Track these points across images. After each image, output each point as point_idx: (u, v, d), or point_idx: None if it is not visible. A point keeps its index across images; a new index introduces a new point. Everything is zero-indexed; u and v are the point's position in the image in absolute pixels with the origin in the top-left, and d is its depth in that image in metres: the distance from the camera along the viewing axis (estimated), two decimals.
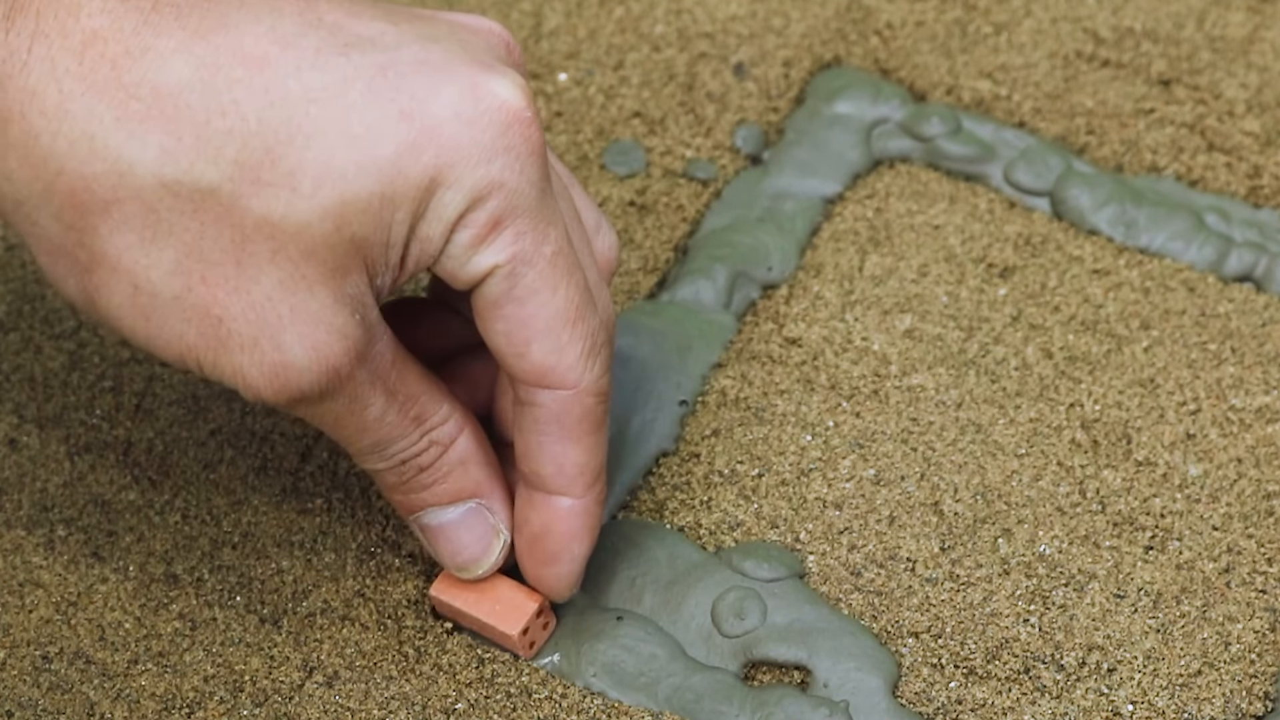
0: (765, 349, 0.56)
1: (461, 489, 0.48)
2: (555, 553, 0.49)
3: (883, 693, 0.49)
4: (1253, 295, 0.58)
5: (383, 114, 0.42)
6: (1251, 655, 0.50)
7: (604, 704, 0.49)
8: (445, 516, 0.48)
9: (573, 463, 0.47)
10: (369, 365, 0.44)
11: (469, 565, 0.49)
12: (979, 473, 0.53)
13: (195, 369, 0.44)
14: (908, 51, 0.64)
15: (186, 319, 0.43)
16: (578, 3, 0.66)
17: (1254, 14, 0.65)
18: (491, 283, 0.45)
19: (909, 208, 0.60)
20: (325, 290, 0.43)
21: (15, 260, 0.59)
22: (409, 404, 0.46)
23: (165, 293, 0.42)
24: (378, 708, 0.49)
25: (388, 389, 0.45)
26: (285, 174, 0.42)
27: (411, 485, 0.48)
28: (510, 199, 0.44)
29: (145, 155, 0.41)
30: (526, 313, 0.45)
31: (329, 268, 0.43)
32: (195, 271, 0.42)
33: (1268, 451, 0.54)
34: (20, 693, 0.50)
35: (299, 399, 0.44)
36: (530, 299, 0.45)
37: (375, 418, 0.45)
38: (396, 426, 0.46)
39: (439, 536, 0.49)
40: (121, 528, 0.53)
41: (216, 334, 0.43)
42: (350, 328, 0.43)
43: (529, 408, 0.47)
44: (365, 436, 0.46)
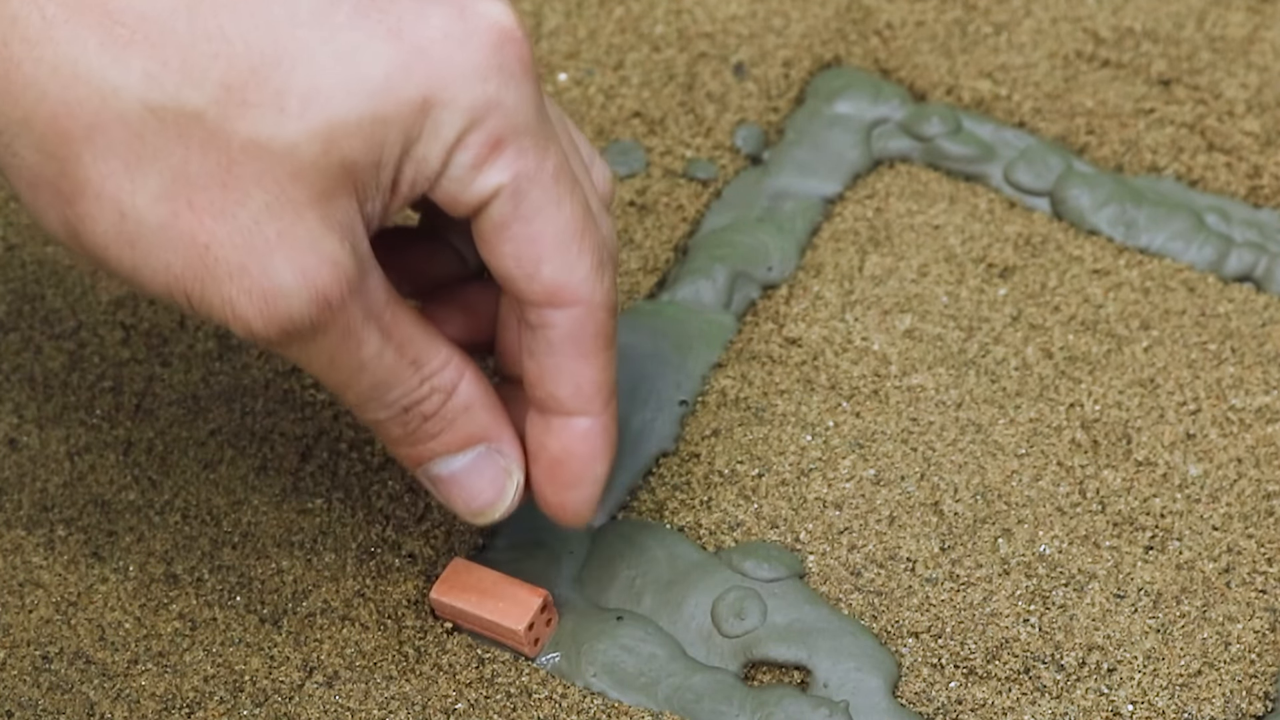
0: (765, 349, 0.56)
1: (470, 435, 0.47)
2: (578, 475, 0.48)
3: (883, 693, 0.49)
4: (1253, 295, 0.58)
5: (370, 34, 0.42)
6: (1251, 655, 0.50)
7: (604, 704, 0.49)
8: (455, 464, 0.47)
9: (589, 380, 0.47)
10: (362, 299, 0.43)
11: (485, 510, 0.48)
12: (979, 473, 0.53)
13: (184, 303, 0.43)
14: (908, 51, 0.64)
15: (173, 247, 0.42)
16: (578, 3, 0.66)
17: (1254, 14, 0.65)
18: (496, 204, 0.44)
19: (909, 208, 0.60)
20: (313, 214, 0.42)
21: (15, 260, 0.59)
22: (405, 346, 0.45)
23: (151, 219, 0.42)
24: (378, 708, 0.49)
25: (382, 328, 0.44)
26: (272, 95, 0.41)
27: (418, 435, 0.47)
28: (509, 117, 0.43)
29: (130, 80, 0.41)
30: (534, 230, 0.45)
31: (317, 191, 0.42)
32: (181, 196, 0.41)
33: (1268, 451, 0.54)
34: (20, 693, 0.50)
35: (290, 331, 0.43)
36: (536, 216, 0.44)
37: (371, 356, 0.44)
38: (395, 368, 0.45)
39: (451, 485, 0.48)
40: (121, 528, 0.53)
41: (204, 261, 0.42)
42: (340, 255, 0.42)
43: (542, 330, 0.46)
44: (363, 378, 0.45)
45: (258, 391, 0.56)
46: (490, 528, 0.53)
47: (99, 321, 0.57)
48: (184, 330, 0.57)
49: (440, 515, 0.53)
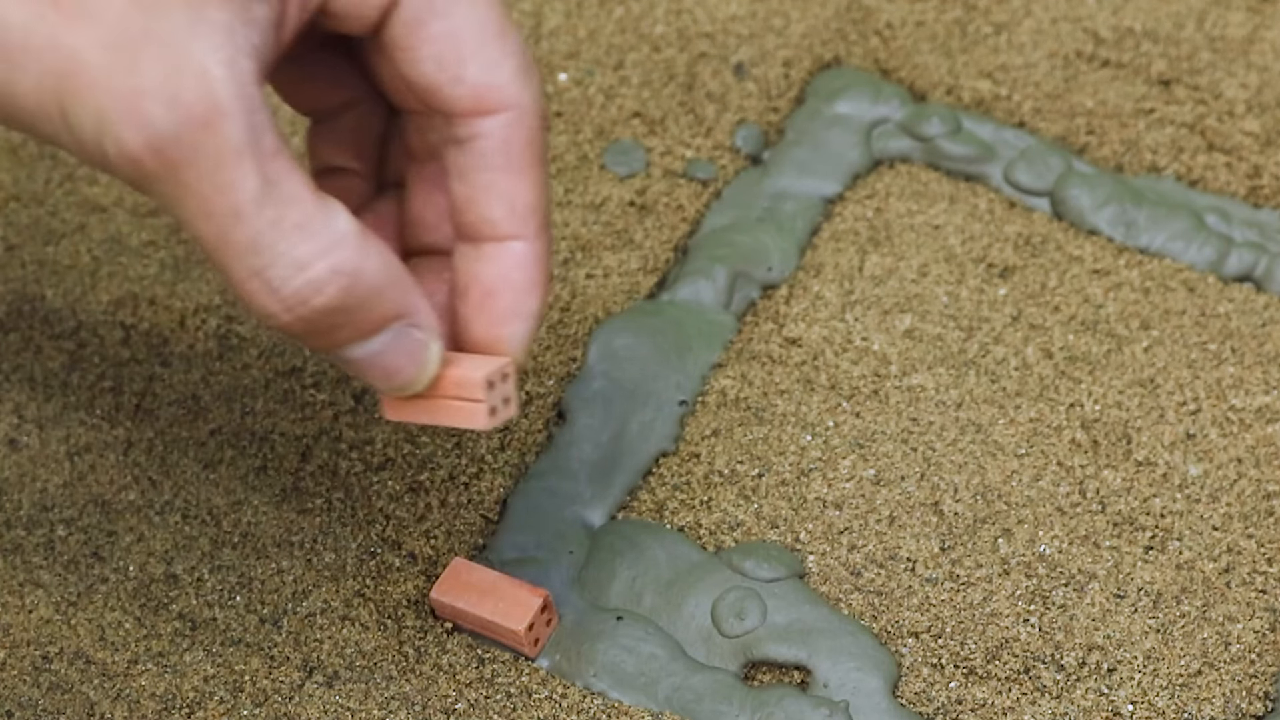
0: (765, 349, 0.56)
1: (383, 316, 0.42)
2: (512, 307, 0.45)
3: (883, 693, 0.49)
4: (1253, 295, 0.58)
5: None
6: (1251, 655, 0.50)
7: (604, 704, 0.49)
8: (370, 348, 0.43)
9: (523, 200, 0.44)
10: (236, 129, 0.39)
11: (406, 384, 0.44)
12: (979, 473, 0.53)
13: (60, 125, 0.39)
14: (908, 51, 0.64)
15: (40, 54, 0.39)
16: (578, 3, 0.66)
17: (1254, 14, 0.65)
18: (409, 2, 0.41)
19: (909, 208, 0.60)
20: (182, 12, 0.38)
21: (15, 260, 0.59)
22: (291, 205, 0.40)
23: (16, 23, 0.39)
24: (378, 708, 0.49)
25: (263, 175, 0.39)
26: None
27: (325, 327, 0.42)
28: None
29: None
30: (453, 25, 0.42)
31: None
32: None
33: (1268, 451, 0.54)
34: (20, 693, 0.50)
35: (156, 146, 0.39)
36: (454, 9, 0.42)
37: (247, 201, 0.39)
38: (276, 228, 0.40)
39: (367, 367, 0.43)
40: (121, 528, 0.53)
41: (71, 68, 0.39)
42: (211, 63, 0.38)
43: (470, 144, 0.43)
44: (240, 228, 0.39)
45: (258, 391, 0.56)
46: (490, 529, 0.53)
47: (99, 321, 0.57)
48: (184, 330, 0.57)
49: (440, 515, 0.53)
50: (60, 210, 0.60)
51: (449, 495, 0.53)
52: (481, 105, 0.43)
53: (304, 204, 0.40)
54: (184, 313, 0.57)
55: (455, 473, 0.54)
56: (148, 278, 0.58)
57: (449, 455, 0.54)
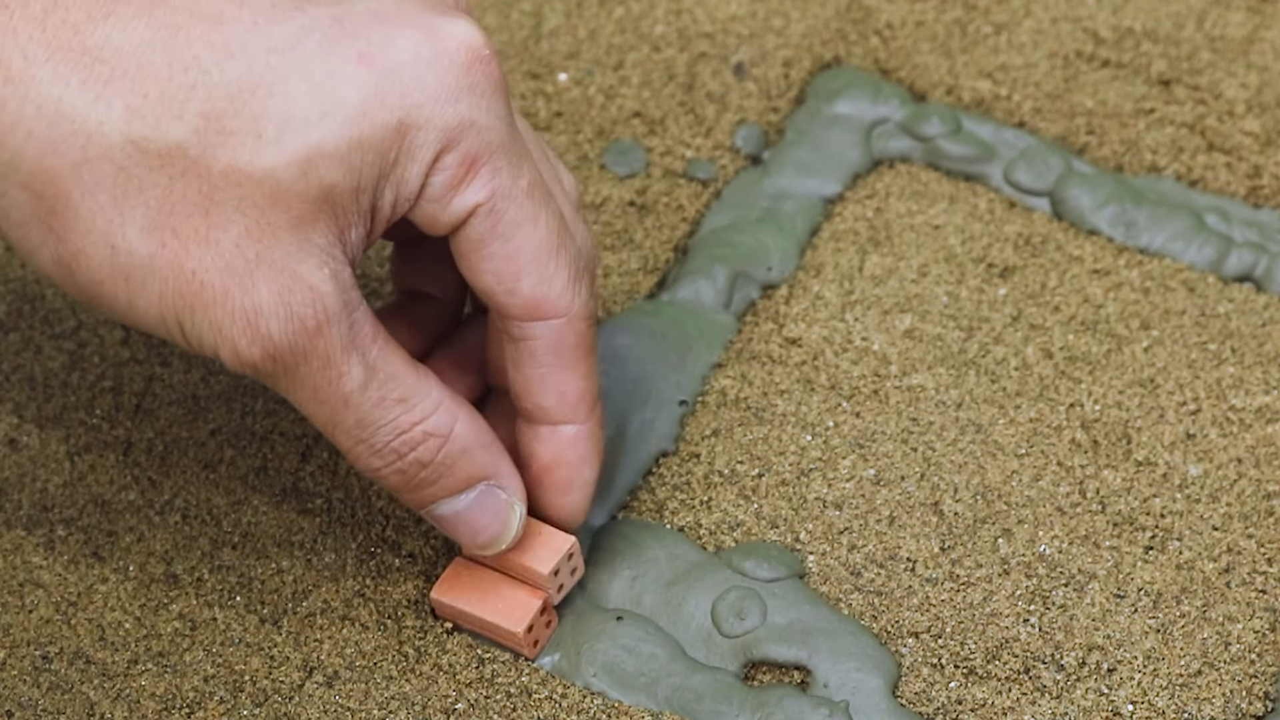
0: (765, 349, 0.56)
1: (470, 475, 0.48)
2: (568, 481, 0.49)
3: (883, 693, 0.49)
4: (1253, 295, 0.58)
5: (343, 59, 0.43)
6: (1251, 655, 0.50)
7: (604, 704, 0.49)
8: (458, 505, 0.48)
9: (573, 389, 0.48)
10: (342, 327, 0.44)
11: (490, 544, 0.49)
12: (979, 473, 0.53)
13: (177, 334, 0.44)
14: (908, 51, 0.64)
15: (163, 277, 0.43)
16: (578, 3, 0.66)
17: (1254, 14, 0.65)
18: (474, 223, 0.45)
19: (909, 208, 0.60)
20: (291, 237, 0.43)
21: (15, 260, 0.59)
22: (392, 383, 0.45)
23: (141, 251, 0.42)
24: (378, 708, 0.49)
25: (367, 363, 0.45)
26: (249, 122, 0.42)
27: (418, 482, 0.47)
28: (483, 136, 0.44)
29: (112, 115, 0.42)
30: (512, 248, 0.45)
31: (294, 215, 0.43)
32: (167, 226, 0.42)
33: (1268, 451, 0.54)
34: (20, 693, 0.50)
35: (272, 353, 0.43)
36: (514, 233, 0.45)
37: (355, 389, 0.45)
38: (380, 405, 0.45)
39: (455, 524, 0.48)
40: (121, 528, 0.53)
41: (191, 288, 0.43)
42: (318, 280, 0.43)
43: (524, 343, 0.47)
44: (348, 413, 0.45)
45: (258, 391, 0.56)
46: None
47: (99, 321, 0.57)
48: None
49: None
50: None
51: None
52: (533, 313, 0.47)
53: (403, 380, 0.45)
54: None
55: None
56: None
57: None
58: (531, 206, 0.45)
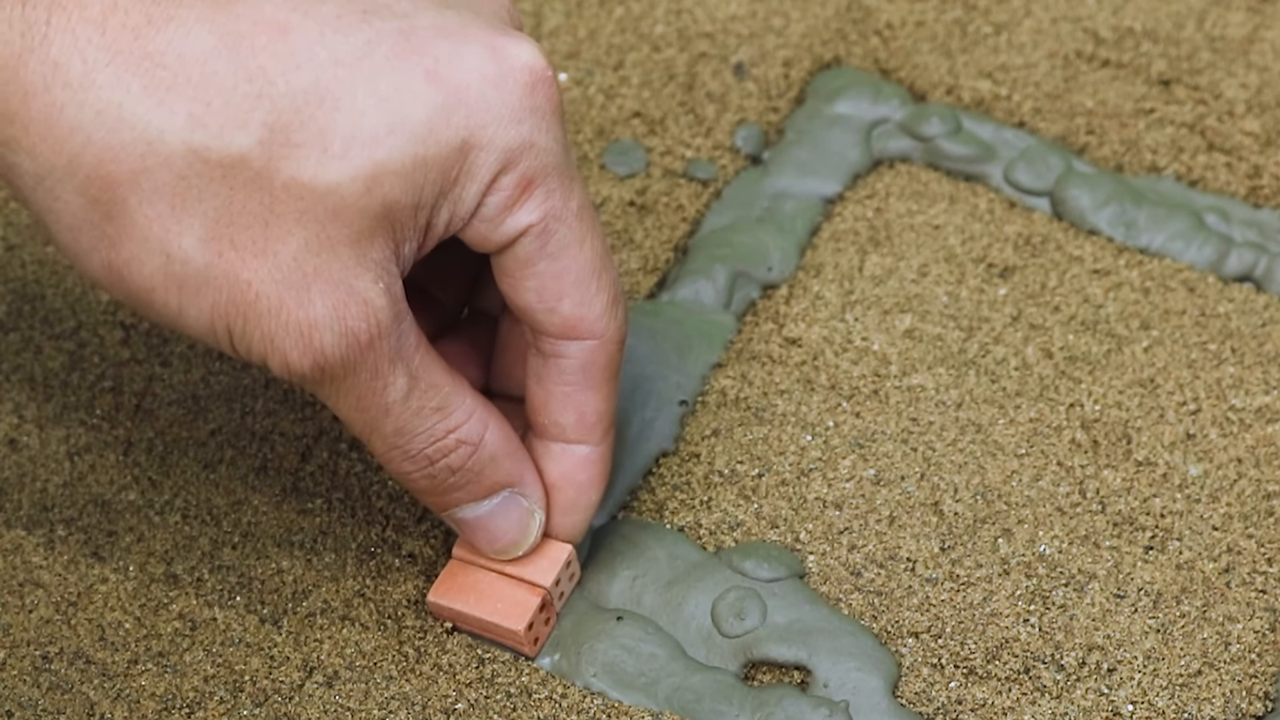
0: (765, 349, 0.56)
1: (495, 483, 0.48)
2: (573, 501, 0.49)
3: (883, 693, 0.49)
4: (1253, 295, 0.58)
5: (410, 76, 0.42)
6: (1251, 655, 0.50)
7: (604, 704, 0.49)
8: (480, 510, 0.49)
9: (594, 411, 0.48)
10: (392, 340, 0.44)
11: (508, 550, 0.49)
12: (979, 473, 0.53)
13: (226, 342, 0.44)
14: (908, 51, 0.64)
15: (218, 286, 0.43)
16: (578, 3, 0.66)
17: (1254, 14, 0.65)
18: (524, 242, 0.45)
19: (909, 208, 0.60)
20: (350, 252, 0.43)
21: (15, 260, 0.59)
22: (431, 392, 0.46)
23: (197, 260, 0.42)
24: (378, 708, 0.49)
25: (410, 373, 0.45)
26: (315, 135, 0.42)
27: (445, 487, 0.48)
28: (540, 158, 0.44)
29: (174, 123, 0.41)
30: (559, 268, 0.46)
31: (354, 230, 0.43)
32: (225, 237, 0.42)
33: (1268, 451, 0.54)
34: (20, 693, 0.50)
35: (323, 366, 0.43)
36: (562, 254, 0.46)
37: (397, 399, 0.45)
38: (419, 414, 0.46)
39: (476, 529, 0.49)
40: (121, 528, 0.53)
41: (246, 298, 0.43)
42: (373, 294, 0.43)
43: (554, 360, 0.47)
44: (388, 422, 0.45)
45: (258, 391, 0.56)
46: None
47: (99, 321, 0.57)
48: None
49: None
50: None
51: None
52: (569, 333, 0.47)
53: (441, 390, 0.46)
54: None
55: None
56: None
57: None
58: (580, 229, 0.46)
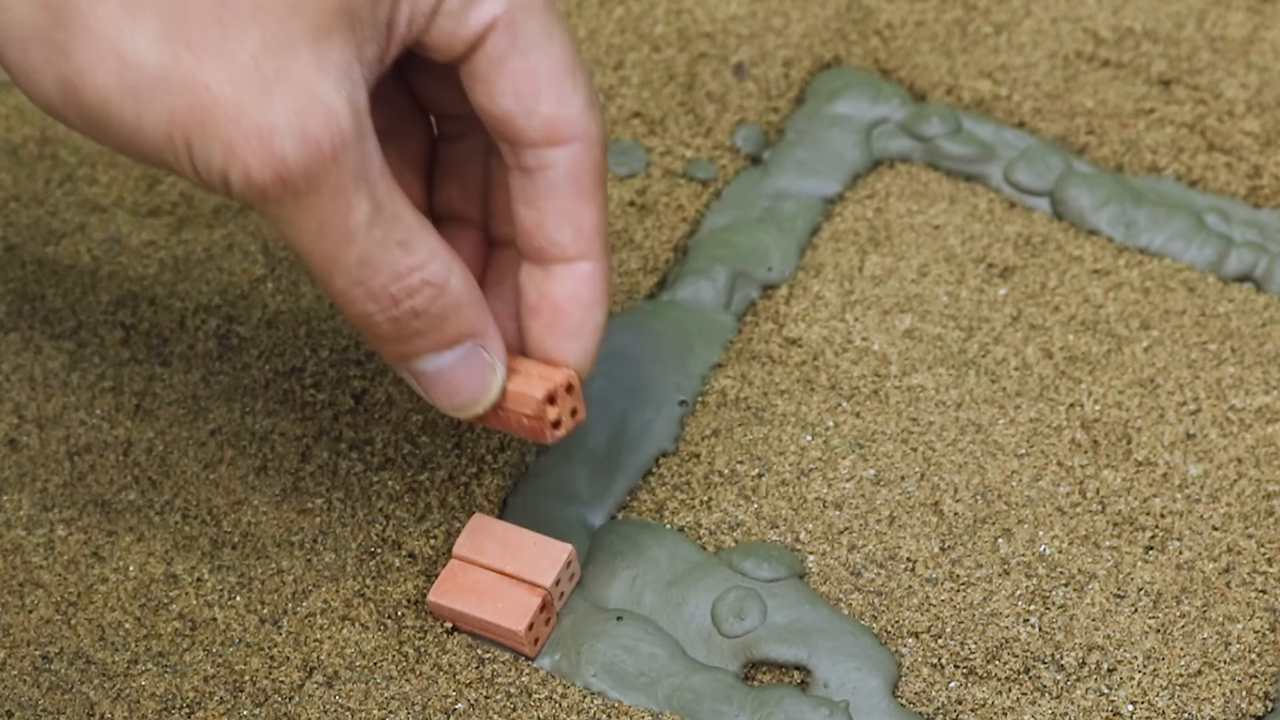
0: (765, 349, 0.56)
1: (459, 331, 0.46)
2: (579, 323, 0.48)
3: (883, 693, 0.49)
4: (1253, 295, 0.58)
5: None
6: (1251, 655, 0.50)
7: (604, 704, 0.49)
8: (442, 361, 0.46)
9: (590, 222, 0.47)
10: (355, 157, 0.42)
11: (467, 405, 0.47)
12: (979, 473, 0.53)
13: (185, 158, 0.42)
14: (908, 51, 0.64)
15: (174, 90, 0.41)
16: (578, 3, 0.66)
17: (1254, 14, 0.65)
18: (493, 37, 0.44)
19: (909, 208, 0.60)
20: (309, 53, 0.41)
21: (15, 260, 0.59)
22: (396, 224, 0.44)
23: (151, 63, 0.41)
24: (378, 708, 0.49)
25: (374, 199, 0.43)
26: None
27: (409, 333, 0.45)
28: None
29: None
30: (531, 64, 0.45)
31: (313, 26, 0.41)
32: (179, 37, 0.41)
33: (1268, 451, 0.54)
34: (20, 693, 0.50)
35: (284, 176, 0.41)
36: (533, 49, 0.45)
37: (360, 224, 0.43)
38: (382, 245, 0.43)
39: (436, 382, 0.47)
40: (121, 528, 0.53)
41: (203, 103, 0.41)
42: (335, 101, 0.41)
43: (540, 173, 0.46)
44: (351, 250, 0.43)
45: (258, 391, 0.56)
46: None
47: (99, 321, 0.57)
48: (184, 330, 0.57)
49: (440, 515, 0.53)
50: (60, 210, 0.60)
51: (449, 495, 0.53)
52: (552, 136, 0.46)
53: (406, 222, 0.44)
54: (184, 313, 0.57)
55: (455, 473, 0.54)
56: (148, 278, 0.58)
57: (449, 455, 0.54)
58: (548, 21, 0.45)
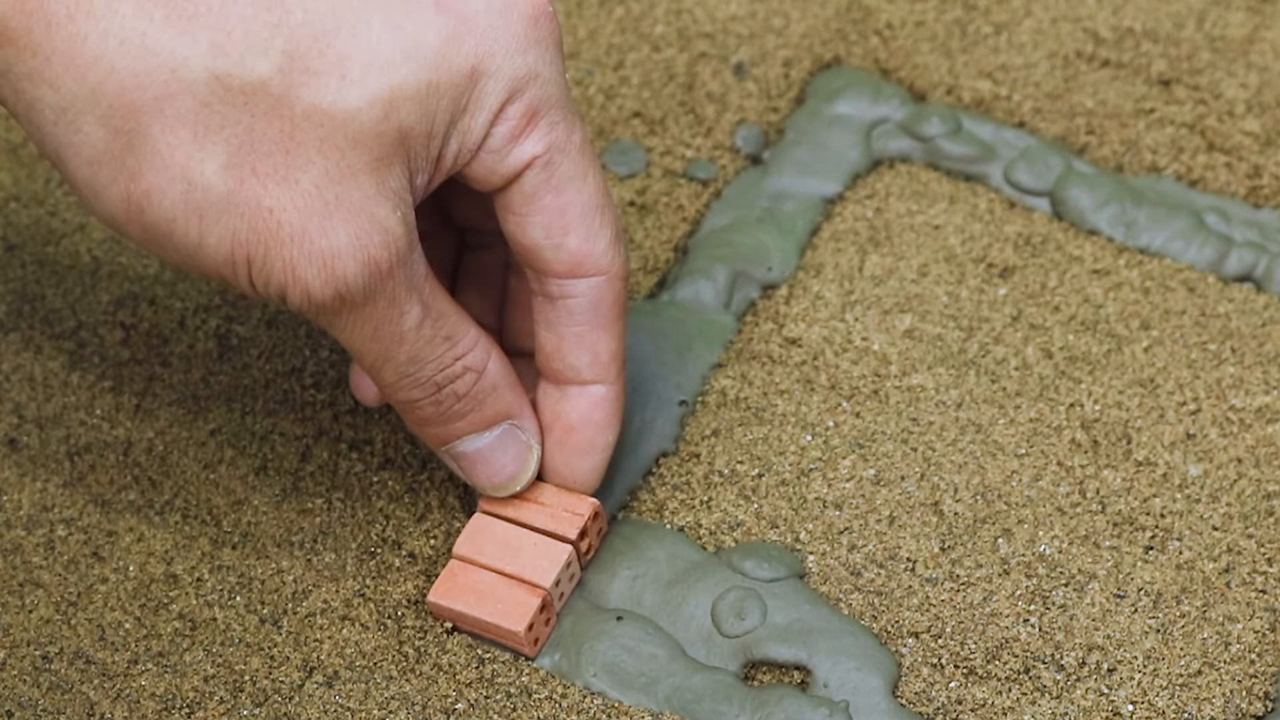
0: (765, 349, 0.56)
1: (497, 412, 0.49)
2: (591, 442, 0.50)
3: (883, 693, 0.49)
4: (1253, 295, 0.58)
5: (421, 4, 0.44)
6: (1251, 655, 0.50)
7: (604, 704, 0.49)
8: (481, 442, 0.49)
9: (607, 349, 0.49)
10: (407, 269, 0.45)
11: (506, 484, 0.50)
12: (979, 473, 0.53)
13: (244, 274, 0.44)
14: (908, 51, 0.64)
15: (240, 213, 0.43)
16: (578, 3, 0.66)
17: (1254, 14, 0.65)
18: (529, 175, 0.46)
19: (909, 208, 0.60)
20: (369, 180, 0.44)
21: (15, 260, 0.59)
22: (441, 321, 0.47)
23: (219, 187, 0.43)
24: (378, 708, 0.49)
25: (423, 301, 0.46)
26: (334, 62, 0.43)
27: (450, 415, 0.48)
28: (544, 89, 0.45)
29: (196, 50, 0.42)
30: (564, 201, 0.47)
31: (373, 157, 0.44)
32: (247, 164, 0.43)
33: (1268, 451, 0.54)
34: (20, 693, 0.50)
35: (344, 294, 0.44)
36: (566, 187, 0.47)
37: (411, 328, 0.46)
38: (430, 342, 0.47)
39: (475, 462, 0.50)
40: (121, 528, 0.53)
41: (267, 226, 0.43)
42: (391, 223, 0.44)
43: (563, 301, 0.48)
44: (402, 350, 0.46)
45: (258, 391, 0.56)
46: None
47: (99, 321, 0.57)
48: (184, 330, 0.57)
49: (440, 515, 0.53)
50: (60, 210, 0.60)
51: (449, 495, 0.53)
52: (576, 270, 0.48)
53: (449, 318, 0.47)
54: (184, 313, 0.57)
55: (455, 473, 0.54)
56: (148, 278, 0.58)
57: None
58: (583, 163, 0.47)
